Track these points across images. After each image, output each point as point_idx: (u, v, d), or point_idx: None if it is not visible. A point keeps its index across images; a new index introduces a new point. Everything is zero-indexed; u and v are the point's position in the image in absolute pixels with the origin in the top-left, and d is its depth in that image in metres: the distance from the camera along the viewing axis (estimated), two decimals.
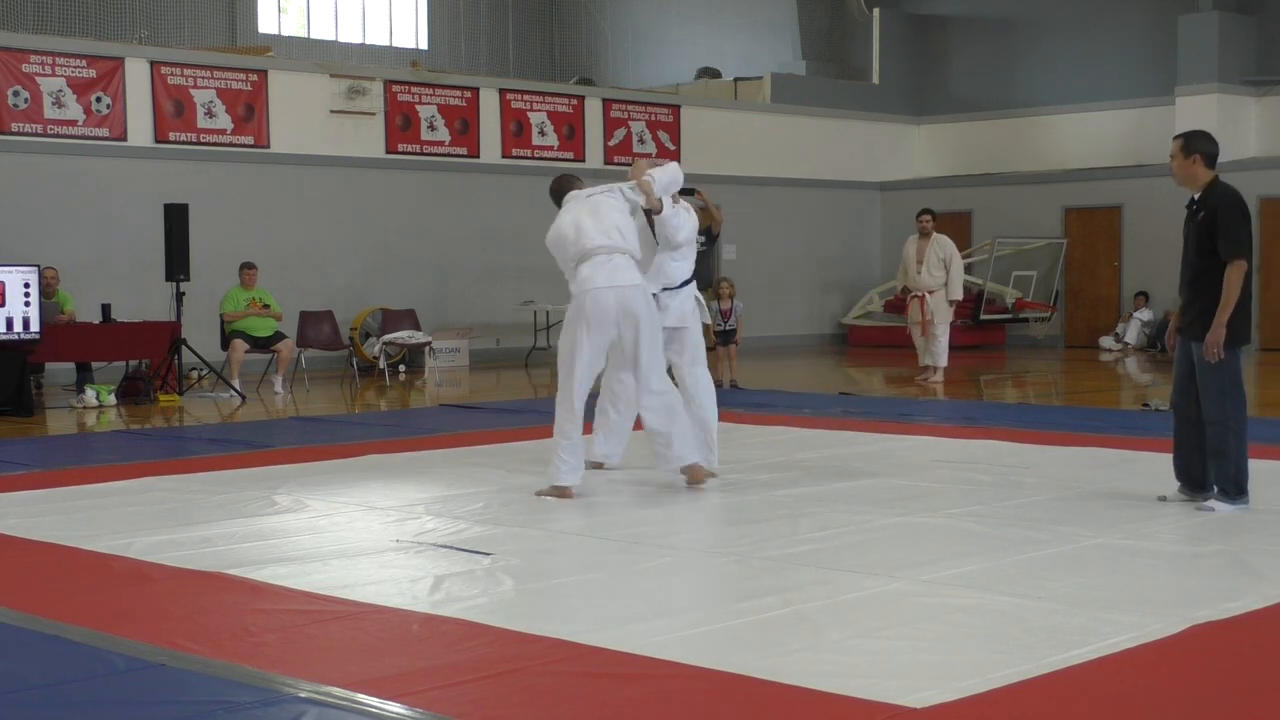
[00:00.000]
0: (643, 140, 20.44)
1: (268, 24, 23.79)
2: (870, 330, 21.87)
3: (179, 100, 16.40)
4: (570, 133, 19.65)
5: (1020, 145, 22.53)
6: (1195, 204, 6.93)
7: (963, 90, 23.23)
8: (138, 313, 14.76)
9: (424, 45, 25.27)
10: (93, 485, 8.05)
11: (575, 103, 19.88)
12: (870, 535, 6.41)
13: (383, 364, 16.20)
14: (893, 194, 23.08)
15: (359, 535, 6.57)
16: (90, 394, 12.94)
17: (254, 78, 16.99)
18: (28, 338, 12.59)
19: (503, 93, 19.20)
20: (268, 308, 14.80)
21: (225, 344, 14.58)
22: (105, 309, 13.94)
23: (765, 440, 9.86)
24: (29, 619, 4.96)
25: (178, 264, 13.86)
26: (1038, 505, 7.10)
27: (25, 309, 12.58)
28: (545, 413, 8.21)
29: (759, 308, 19.67)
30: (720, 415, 8.51)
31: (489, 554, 6.02)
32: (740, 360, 14.82)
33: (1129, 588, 5.34)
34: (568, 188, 7.96)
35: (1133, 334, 20.12)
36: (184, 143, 16.44)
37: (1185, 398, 7.00)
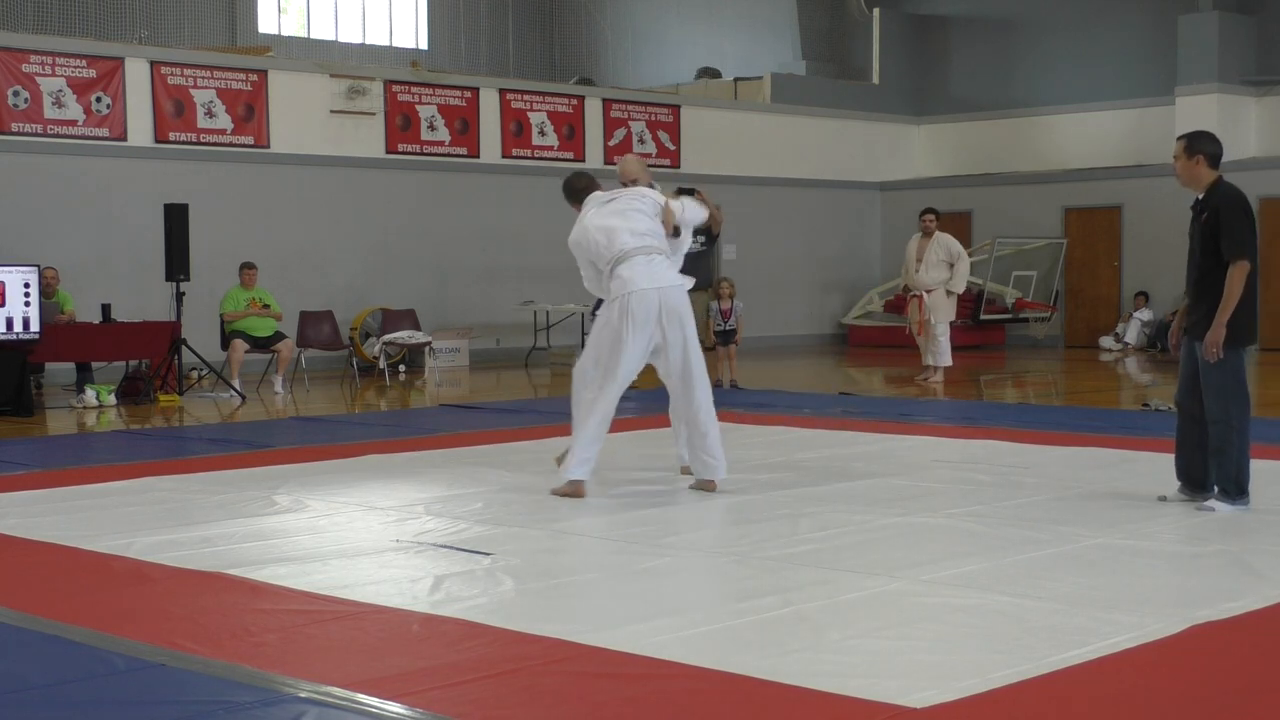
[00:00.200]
0: (642, 140, 20.43)
1: (268, 24, 23.80)
2: (870, 330, 21.87)
3: (179, 100, 16.40)
4: (570, 133, 19.65)
5: (1020, 145, 22.53)
6: (1199, 205, 6.93)
7: (963, 90, 23.23)
8: (138, 313, 14.76)
9: (424, 45, 25.28)
10: (93, 485, 8.04)
11: (575, 103, 19.88)
12: (870, 535, 6.40)
13: (383, 364, 16.20)
14: (893, 194, 23.08)
15: (359, 535, 6.57)
16: (90, 394, 12.94)
17: (254, 78, 16.99)
18: (28, 338, 12.58)
19: (503, 93, 19.20)
20: (268, 308, 14.80)
21: (225, 344, 14.58)
22: (105, 309, 13.94)
23: (765, 440, 9.86)
24: (29, 619, 4.96)
25: (178, 264, 13.86)
26: (1038, 505, 7.10)
27: (25, 309, 12.57)
28: (546, 413, 8.21)
29: (759, 308, 19.66)
30: (720, 415, 8.49)
31: (489, 554, 6.01)
32: (740, 360, 14.82)
33: (1129, 588, 5.34)
34: (589, 188, 7.89)
35: (1133, 334, 20.12)
36: (184, 143, 16.44)
37: (1190, 396, 7.00)
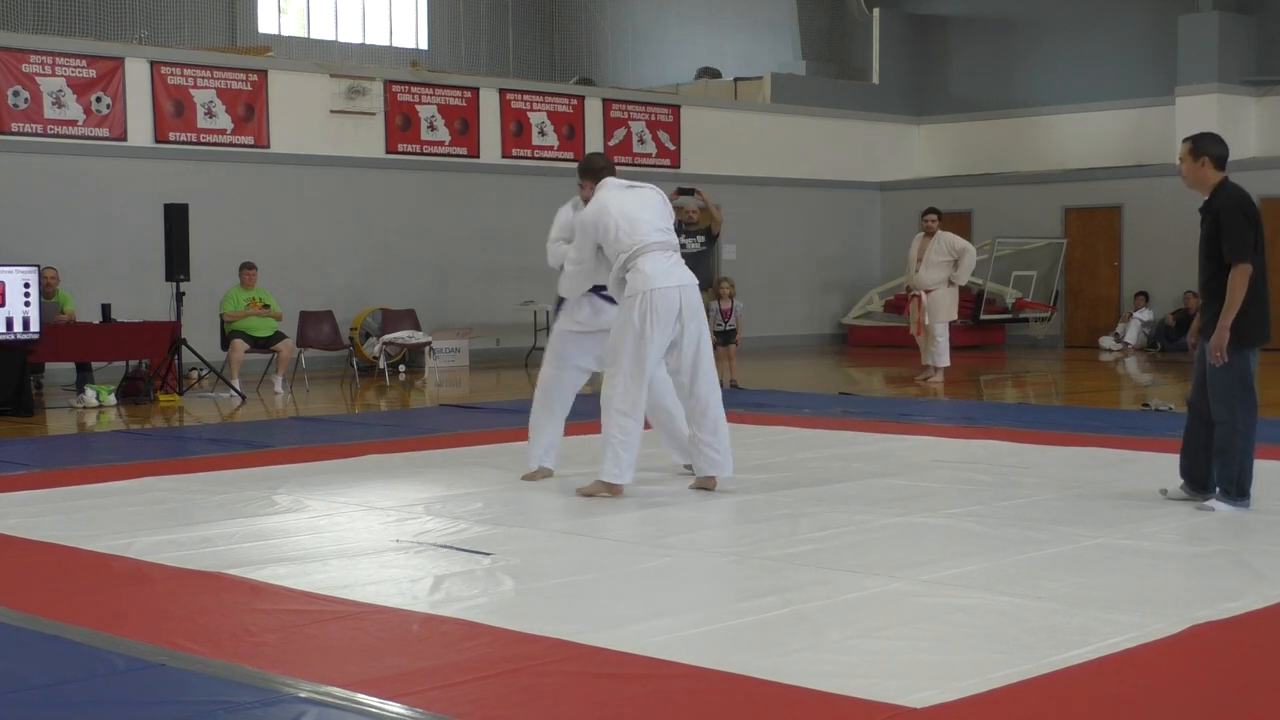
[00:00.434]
0: (642, 140, 20.43)
1: (268, 24, 23.79)
2: (870, 330, 21.86)
3: (179, 100, 16.40)
4: (570, 133, 19.65)
5: (1020, 145, 22.53)
6: (1205, 207, 6.93)
7: (963, 90, 23.23)
8: (138, 313, 14.76)
9: (424, 45, 25.27)
10: (93, 485, 8.04)
11: (575, 103, 19.88)
12: (870, 535, 6.40)
13: (383, 364, 16.20)
14: (893, 194, 23.08)
15: (359, 535, 6.57)
16: (90, 394, 12.94)
17: (254, 78, 16.99)
18: (28, 338, 12.58)
19: (503, 93, 19.20)
20: (268, 308, 14.80)
21: (225, 344, 14.57)
22: (105, 309, 13.94)
23: (765, 440, 9.85)
24: (29, 619, 4.96)
25: (178, 264, 13.86)
26: (1038, 505, 7.10)
27: (25, 309, 12.57)
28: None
29: (759, 308, 19.66)
30: None
31: (489, 554, 6.01)
32: (740, 360, 14.82)
33: (1129, 588, 5.34)
34: (607, 169, 7.83)
35: (1133, 334, 20.12)
36: (184, 143, 16.43)
37: (1201, 397, 7.00)
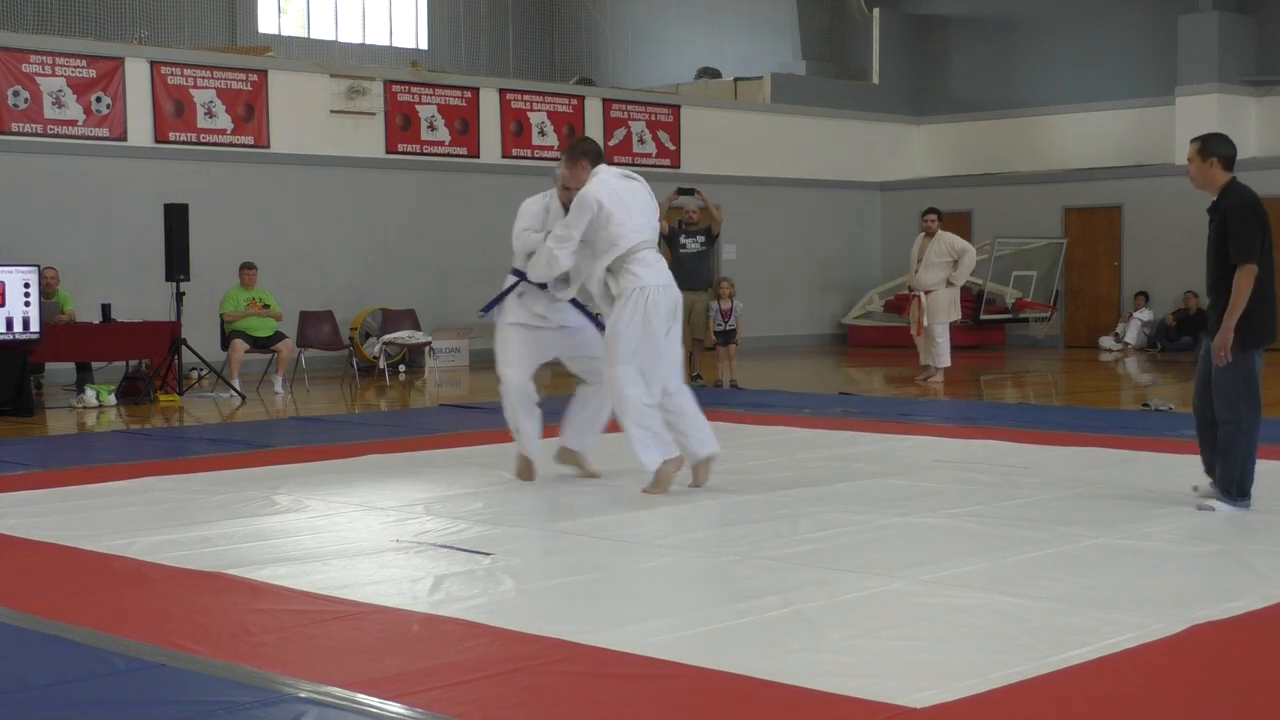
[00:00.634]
0: (643, 140, 20.44)
1: (268, 24, 23.80)
2: (870, 330, 21.86)
3: (179, 100, 16.40)
4: (570, 133, 19.62)
5: (1020, 145, 22.53)
6: (1213, 207, 6.92)
7: (963, 90, 23.23)
8: (138, 313, 14.76)
9: (424, 45, 25.27)
10: (93, 485, 8.04)
11: (575, 103, 19.88)
12: (870, 535, 6.40)
13: (383, 364, 16.20)
14: (893, 194, 23.08)
15: (359, 535, 6.57)
16: (90, 394, 12.94)
17: (254, 78, 16.99)
18: (28, 338, 12.58)
19: (503, 93, 19.20)
20: (268, 308, 14.80)
21: (225, 344, 14.57)
22: (105, 309, 13.94)
23: (765, 440, 9.84)
24: (29, 619, 4.96)
25: (178, 264, 13.86)
26: (1038, 505, 7.10)
27: (25, 309, 12.57)
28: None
29: (759, 308, 19.66)
30: (720, 415, 8.50)
31: (489, 554, 6.01)
32: (740, 360, 14.82)
33: (1129, 588, 5.34)
34: (600, 154, 7.82)
35: (1133, 334, 20.13)
36: (184, 143, 16.43)
37: (1202, 399, 6.97)
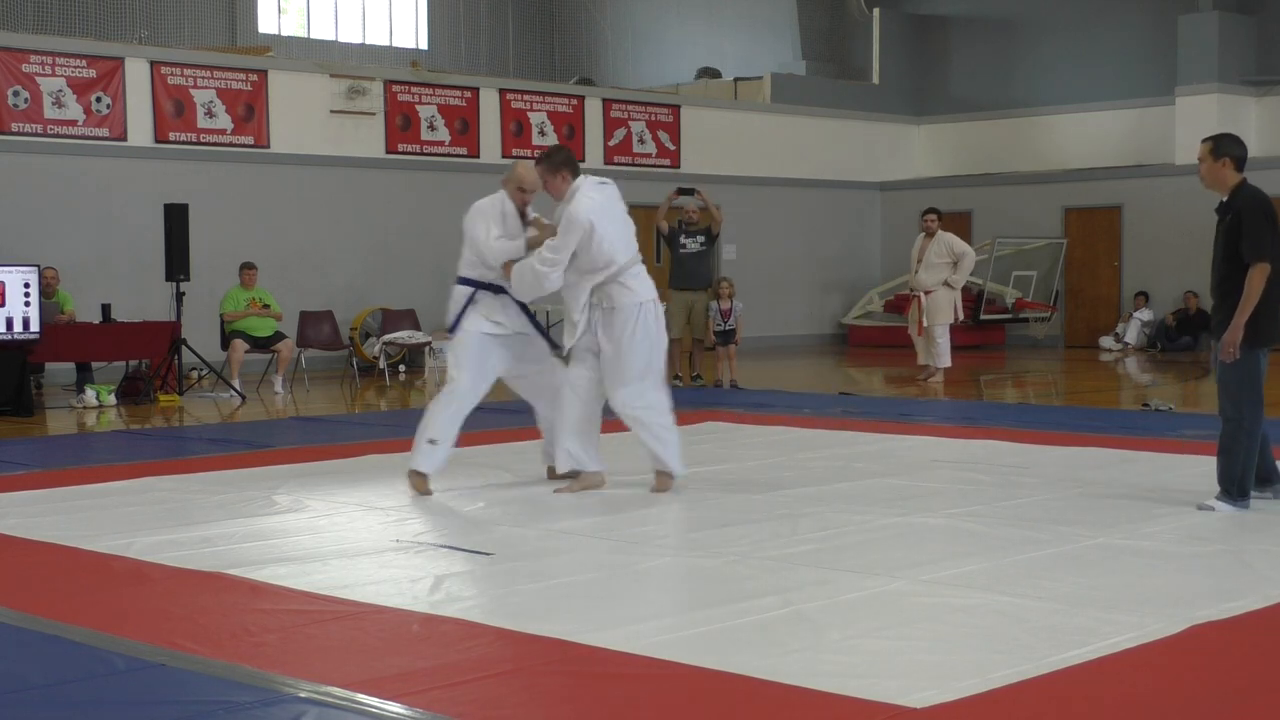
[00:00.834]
0: (643, 140, 20.44)
1: (268, 24, 23.79)
2: (870, 330, 21.86)
3: (179, 100, 16.40)
4: (570, 133, 19.64)
5: (1020, 145, 22.52)
6: (1224, 207, 6.92)
7: (963, 90, 23.23)
8: (138, 313, 14.76)
9: (424, 45, 25.27)
10: (93, 485, 8.04)
11: (575, 103, 19.88)
12: (870, 535, 6.40)
13: (383, 364, 16.20)
14: (893, 194, 23.08)
15: (359, 535, 6.57)
16: (90, 394, 12.94)
17: (254, 78, 16.99)
18: (28, 338, 12.57)
19: (503, 93, 19.20)
20: (268, 308, 14.79)
21: (225, 344, 14.57)
22: (105, 309, 13.93)
23: (765, 440, 9.85)
24: (29, 619, 4.96)
25: (178, 264, 13.86)
26: (1038, 505, 7.10)
27: (25, 309, 12.57)
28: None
29: (759, 308, 19.66)
30: (720, 415, 8.50)
31: (489, 554, 6.02)
32: (740, 360, 14.82)
33: (1129, 588, 5.34)
34: (578, 166, 7.80)
35: (1133, 334, 20.13)
36: (184, 143, 16.43)
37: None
